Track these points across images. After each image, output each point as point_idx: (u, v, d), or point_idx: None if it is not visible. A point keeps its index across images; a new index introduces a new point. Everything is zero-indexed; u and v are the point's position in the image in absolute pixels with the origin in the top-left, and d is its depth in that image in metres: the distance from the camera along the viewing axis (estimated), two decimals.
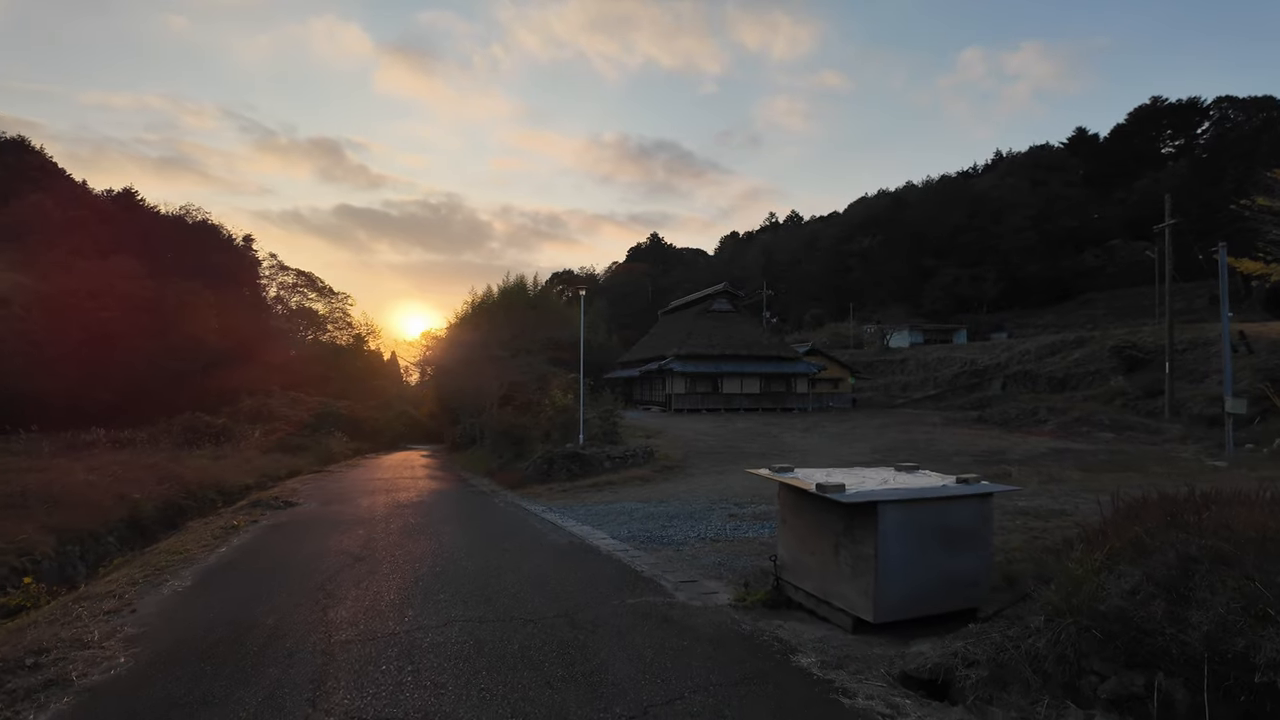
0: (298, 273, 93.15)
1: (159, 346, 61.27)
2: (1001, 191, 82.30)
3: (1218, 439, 23.15)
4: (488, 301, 62.32)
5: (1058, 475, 13.18)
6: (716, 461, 19.40)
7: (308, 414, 47.94)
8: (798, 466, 6.60)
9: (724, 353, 44.59)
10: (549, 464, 17.74)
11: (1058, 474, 13.37)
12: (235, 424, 39.69)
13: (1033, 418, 30.88)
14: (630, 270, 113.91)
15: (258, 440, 35.85)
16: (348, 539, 9.90)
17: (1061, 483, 12.26)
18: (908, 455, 19.93)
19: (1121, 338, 38.66)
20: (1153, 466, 14.83)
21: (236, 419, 41.82)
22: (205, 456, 29.43)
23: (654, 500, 12.84)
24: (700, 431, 28.34)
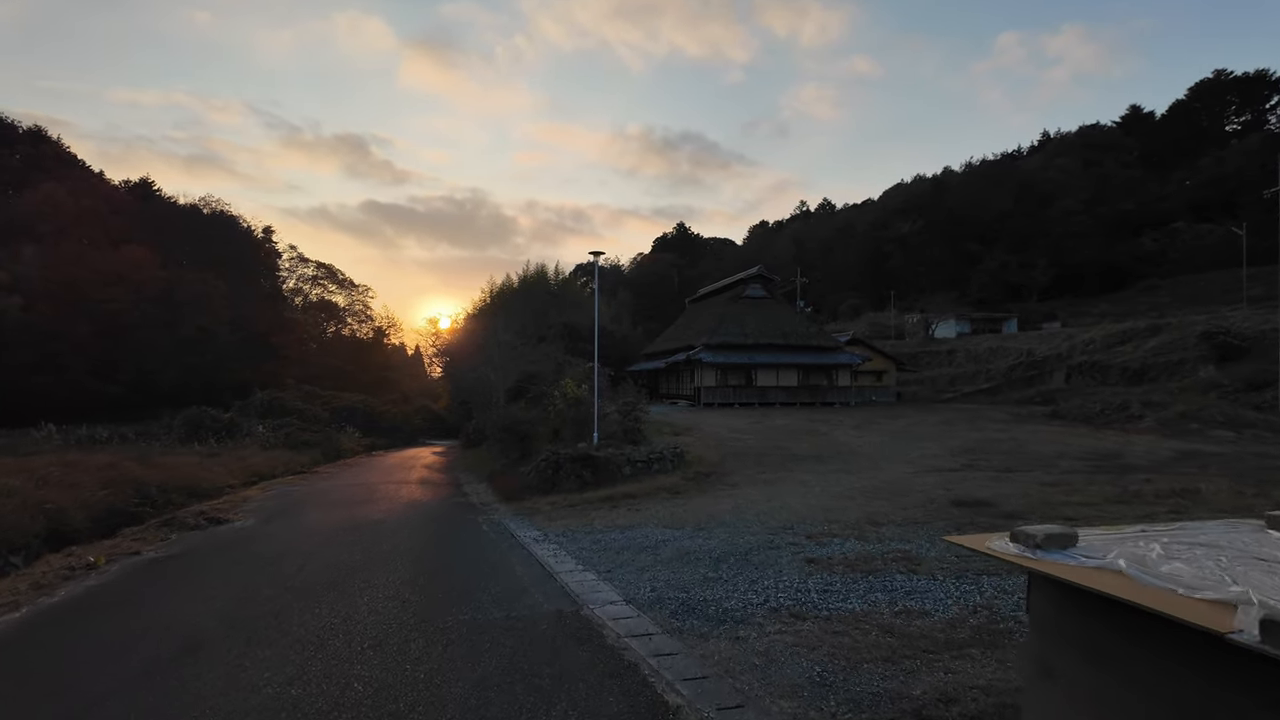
0: (318, 265, 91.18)
1: (170, 339, 59.32)
2: (1051, 173, 77.05)
3: None
4: (507, 290, 59.43)
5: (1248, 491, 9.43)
6: (761, 466, 15.81)
7: (322, 409, 46.03)
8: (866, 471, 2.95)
9: (758, 342, 40.78)
10: (554, 469, 14.29)
11: (1235, 491, 9.57)
12: (244, 419, 38.03)
13: (1123, 413, 26.71)
14: (655, 261, 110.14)
15: (263, 436, 33.98)
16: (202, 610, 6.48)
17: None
18: (999, 459, 16.16)
19: (1212, 323, 34.13)
20: None
21: (247, 413, 40.31)
22: (199, 453, 27.44)
23: (688, 526, 9.30)
24: (736, 429, 24.71)
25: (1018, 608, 4.99)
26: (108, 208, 65.77)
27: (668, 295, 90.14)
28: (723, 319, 42.58)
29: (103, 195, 69.38)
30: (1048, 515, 8.34)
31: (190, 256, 71.01)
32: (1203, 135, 74.79)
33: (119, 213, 66.87)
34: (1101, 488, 10.51)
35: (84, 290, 55.08)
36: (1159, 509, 8.40)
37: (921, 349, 57.33)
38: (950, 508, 9.42)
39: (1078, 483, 11.55)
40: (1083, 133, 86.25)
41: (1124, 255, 68.38)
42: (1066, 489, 10.58)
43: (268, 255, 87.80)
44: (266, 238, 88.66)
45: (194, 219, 77.96)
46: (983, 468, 14.72)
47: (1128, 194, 70.61)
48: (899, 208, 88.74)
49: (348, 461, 32.40)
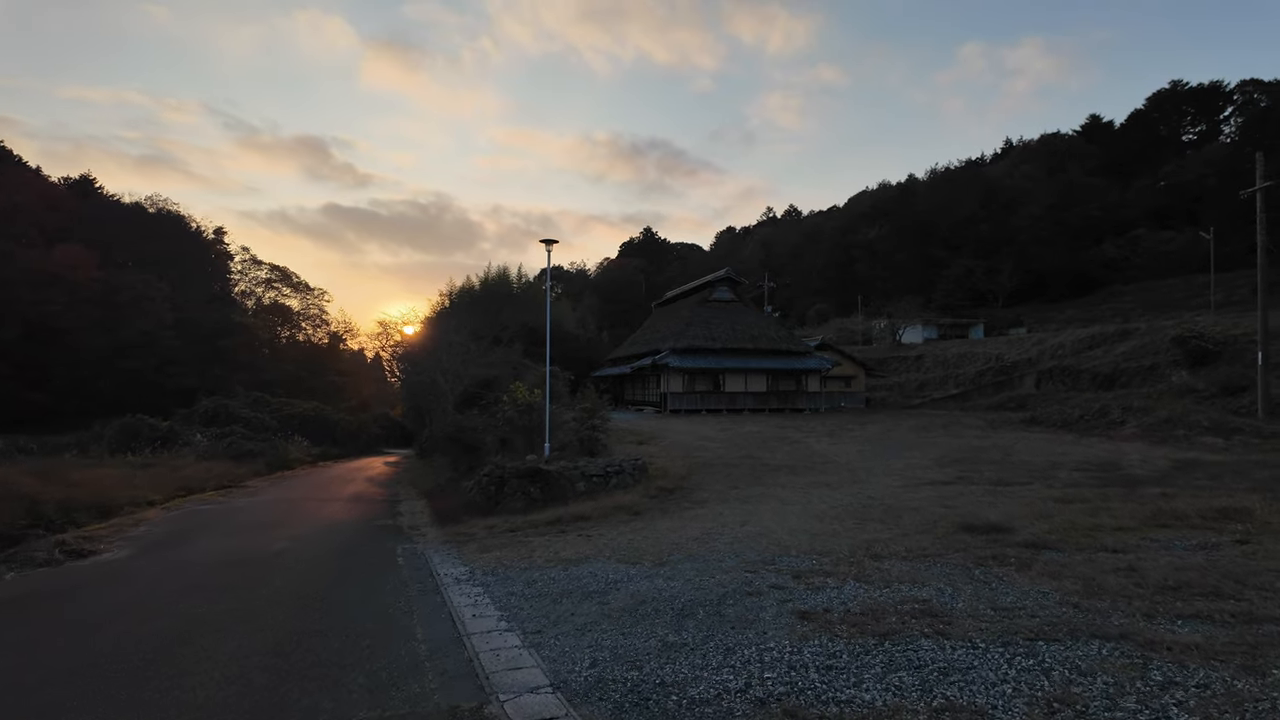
0: (272, 267, 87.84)
1: (109, 343, 55.94)
2: (1015, 180, 77.50)
3: None
4: (467, 292, 57.20)
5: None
6: (732, 480, 14.20)
7: (271, 417, 43.67)
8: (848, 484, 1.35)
9: (726, 346, 39.35)
10: (498, 485, 12.49)
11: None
12: (186, 428, 35.82)
13: (1103, 418, 25.76)
14: (622, 265, 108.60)
15: (204, 445, 31.88)
16: None
17: None
18: (990, 470, 14.80)
19: (1183, 327, 33.62)
20: None
21: (190, 422, 38.12)
22: (130, 465, 25.44)
23: (647, 559, 7.59)
24: (703, 436, 23.13)
25: (1112, 701, 3.41)
26: (43, 204, 61.97)
27: (635, 300, 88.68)
28: (690, 322, 41.11)
29: (38, 191, 65.38)
30: (1084, 545, 6.84)
31: (133, 257, 67.47)
32: (1162, 144, 75.83)
33: (56, 210, 63.09)
34: (1123, 505, 9.10)
35: (14, 290, 51.60)
36: (1216, 536, 6.95)
37: (890, 354, 56.63)
38: (960, 534, 7.89)
39: (1090, 497, 10.16)
40: (1045, 140, 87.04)
41: (1088, 261, 68.75)
42: (1084, 507, 9.14)
43: (219, 257, 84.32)
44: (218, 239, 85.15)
45: (139, 218, 74.31)
46: (976, 480, 13.31)
47: (1091, 201, 71.09)
48: (865, 213, 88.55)
49: (290, 473, 30.43)
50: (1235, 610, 4.59)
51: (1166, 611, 4.69)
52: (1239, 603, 4.75)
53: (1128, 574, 5.63)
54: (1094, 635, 4.40)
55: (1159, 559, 6.06)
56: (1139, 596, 5.04)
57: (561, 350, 46.52)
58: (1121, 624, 4.56)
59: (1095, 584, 5.41)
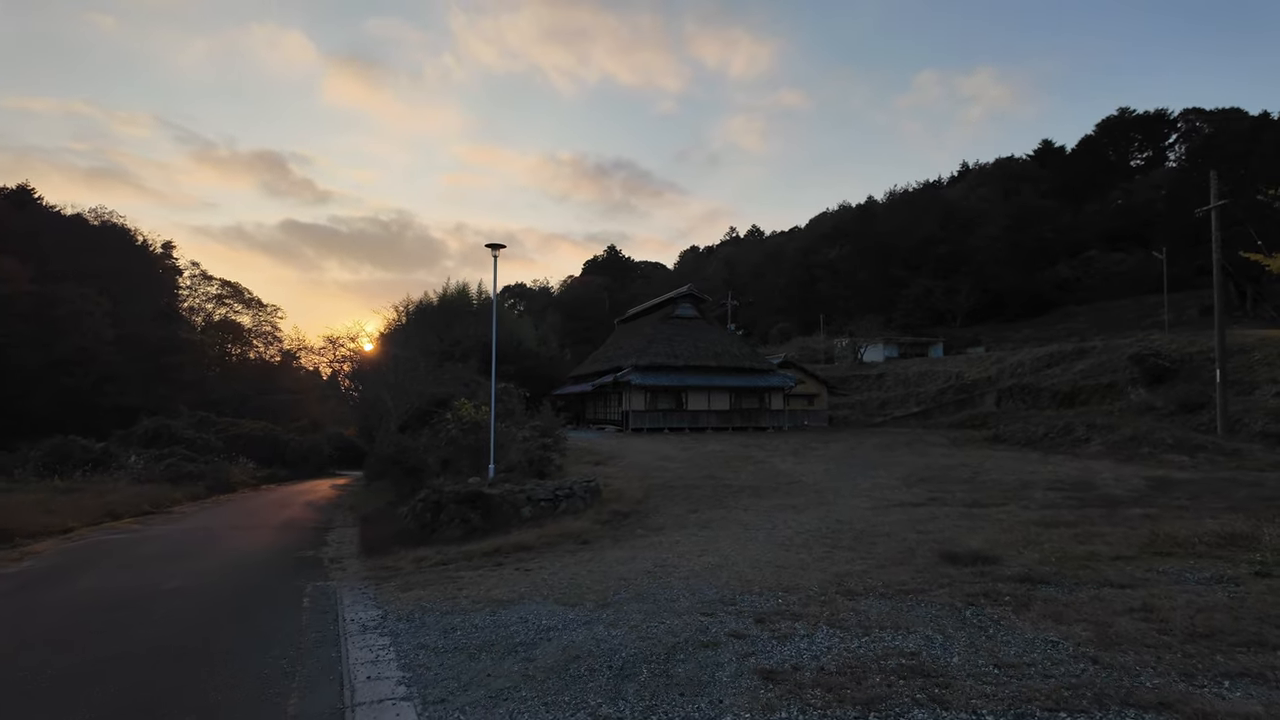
0: (223, 283, 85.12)
1: (42, 359, 53.06)
2: (972, 202, 78.88)
3: None
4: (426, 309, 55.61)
5: None
6: (693, 502, 13.25)
7: (216, 437, 41.70)
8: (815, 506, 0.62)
9: (689, 363, 38.54)
10: (433, 511, 11.33)
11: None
12: (123, 449, 34.02)
13: (1067, 436, 25.50)
14: (586, 283, 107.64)
15: (140, 468, 30.17)
16: None
17: None
18: (961, 490, 14.10)
19: (1142, 345, 33.86)
20: None
21: (128, 443, 36.27)
22: (54, 489, 23.32)
23: (589, 600, 6.57)
24: (664, 456, 22.17)
25: None
26: None
27: (598, 318, 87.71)
28: (652, 339, 40.25)
29: None
30: (1084, 579, 6.03)
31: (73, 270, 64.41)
32: (1111, 169, 77.97)
33: None
34: (1112, 529, 8.38)
35: None
36: (1229, 567, 6.20)
37: (851, 372, 56.54)
38: (942, 565, 7.03)
39: (1073, 520, 9.45)
40: (1000, 164, 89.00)
41: (1043, 282, 69.98)
42: (1072, 531, 8.40)
43: (166, 272, 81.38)
44: (166, 253, 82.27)
45: (80, 230, 71.28)
46: (948, 501, 12.58)
47: (1044, 223, 72.56)
48: (827, 234, 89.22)
49: (229, 497, 28.90)
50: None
51: (1207, 669, 3.86)
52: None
53: (1145, 616, 4.81)
54: (1126, 703, 3.53)
55: (1176, 597, 5.26)
56: (1167, 647, 4.20)
57: (522, 368, 45.20)
58: (1157, 686, 3.70)
59: (1111, 630, 4.57)
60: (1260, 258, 32.84)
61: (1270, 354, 26.77)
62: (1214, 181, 25.35)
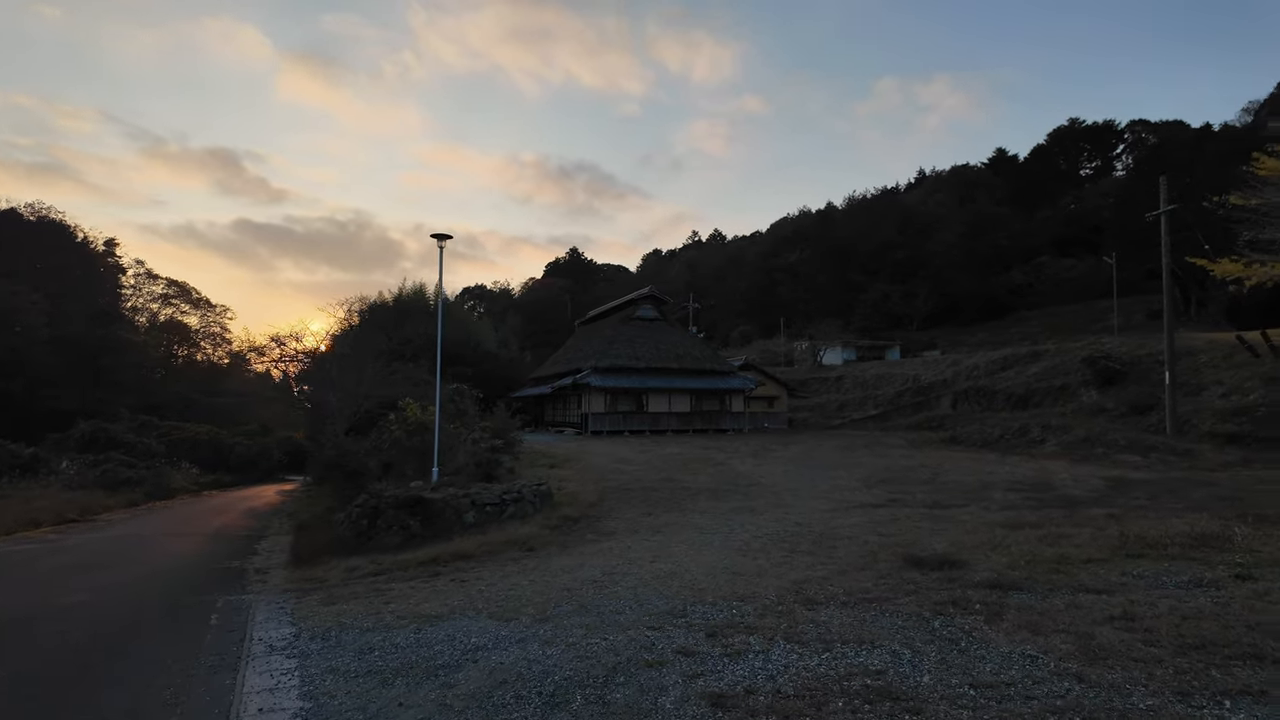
0: (169, 282, 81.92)
1: None
2: (929, 208, 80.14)
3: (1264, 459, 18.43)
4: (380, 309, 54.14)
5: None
6: (649, 505, 12.72)
7: (158, 442, 39.87)
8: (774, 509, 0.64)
9: (650, 365, 38.08)
10: (371, 518, 10.59)
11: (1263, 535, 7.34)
12: (56, 454, 32.34)
13: (1023, 437, 25.71)
14: (548, 285, 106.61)
15: (72, 474, 28.79)
16: None
17: None
18: (921, 491, 13.84)
19: (1093, 348, 34.45)
20: None
21: (63, 448, 34.50)
22: None
23: (526, 613, 5.97)
24: (622, 459, 21.62)
25: None
26: None
27: (560, 320, 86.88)
28: (613, 341, 39.71)
29: None
30: (1058, 584, 5.66)
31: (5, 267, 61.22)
32: (1062, 177, 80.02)
33: None
34: (1078, 530, 8.09)
35: None
36: (1207, 569, 5.88)
37: (811, 375, 56.77)
38: (906, 569, 6.61)
39: (1036, 521, 9.17)
40: (956, 171, 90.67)
41: (997, 287, 71.35)
42: (1038, 533, 8.08)
43: (109, 270, 78.00)
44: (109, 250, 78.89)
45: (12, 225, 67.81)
46: (909, 502, 12.29)
47: (998, 229, 74.04)
48: (788, 238, 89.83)
49: (166, 503, 27.73)
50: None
51: (1204, 686, 3.45)
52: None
53: (1128, 626, 4.42)
54: None
55: (1158, 603, 4.89)
56: (1157, 661, 3.79)
57: (480, 370, 44.20)
58: (1152, 708, 3.28)
59: (1094, 642, 4.15)
60: (1205, 263, 33.81)
61: (1216, 357, 27.36)
62: (1164, 187, 25.80)
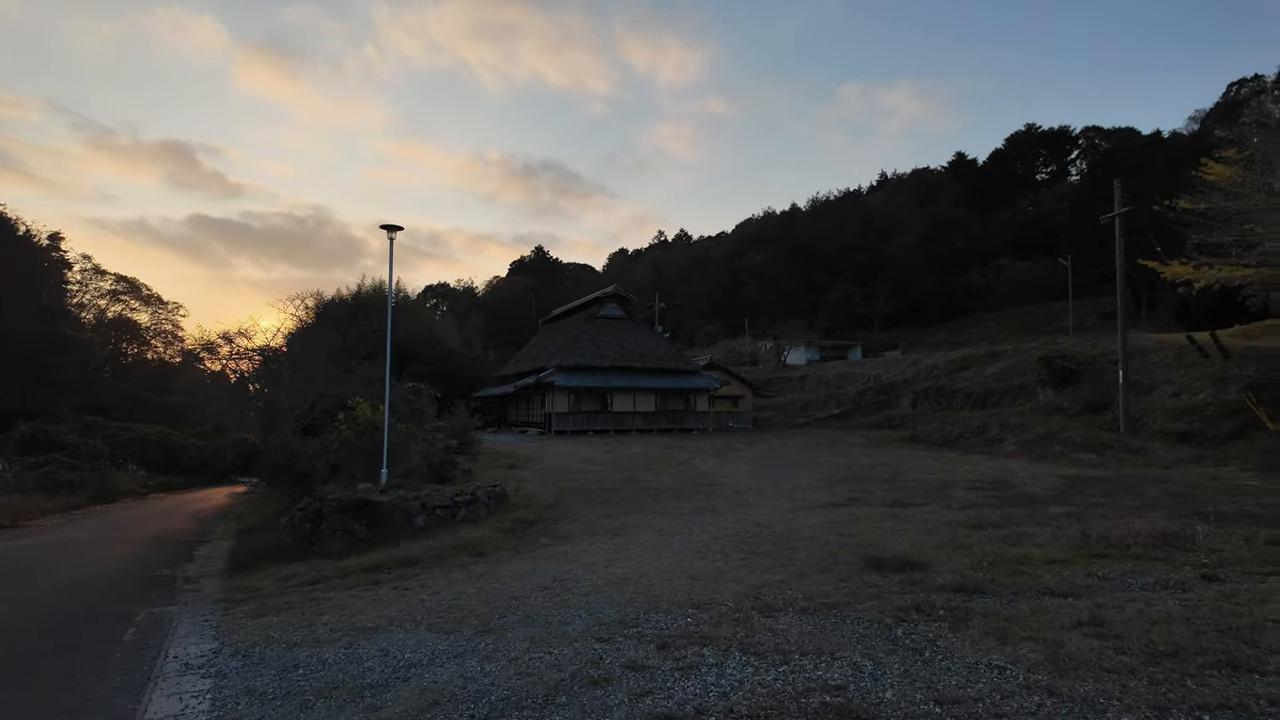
0: (118, 278, 78.87)
1: None
2: (890, 210, 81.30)
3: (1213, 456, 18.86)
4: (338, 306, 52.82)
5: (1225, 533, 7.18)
6: (609, 506, 12.39)
7: (104, 443, 38.29)
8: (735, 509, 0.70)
9: (614, 364, 37.74)
10: (314, 522, 10.07)
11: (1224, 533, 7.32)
12: None
13: (982, 436, 25.99)
14: (512, 284, 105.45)
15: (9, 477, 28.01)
16: None
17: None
18: (883, 490, 13.75)
19: (1049, 348, 35.08)
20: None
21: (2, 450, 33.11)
22: None
23: (469, 625, 5.60)
24: (584, 459, 21.25)
25: None
26: None
27: (524, 319, 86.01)
28: (577, 340, 39.30)
29: None
30: (1022, 586, 5.47)
31: None
32: (1019, 181, 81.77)
33: None
34: (1040, 529, 7.98)
35: None
36: (1172, 570, 5.76)
37: (775, 375, 57.06)
38: (868, 571, 6.39)
39: (997, 520, 9.06)
40: (916, 174, 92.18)
41: (956, 288, 72.63)
42: (999, 533, 7.95)
43: (53, 265, 74.88)
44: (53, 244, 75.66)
45: None
46: (870, 501, 12.16)
47: (957, 232, 75.37)
48: (753, 239, 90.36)
49: (111, 507, 26.89)
50: (1275, 693, 3.20)
51: (1181, 699, 3.24)
52: (1269, 679, 3.39)
53: (1097, 632, 4.22)
54: None
55: (1125, 607, 4.72)
56: (1129, 672, 3.59)
57: (442, 369, 43.41)
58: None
59: (1063, 651, 3.94)
60: (1156, 265, 34.70)
61: (1166, 357, 27.99)
62: (1118, 189, 26.30)
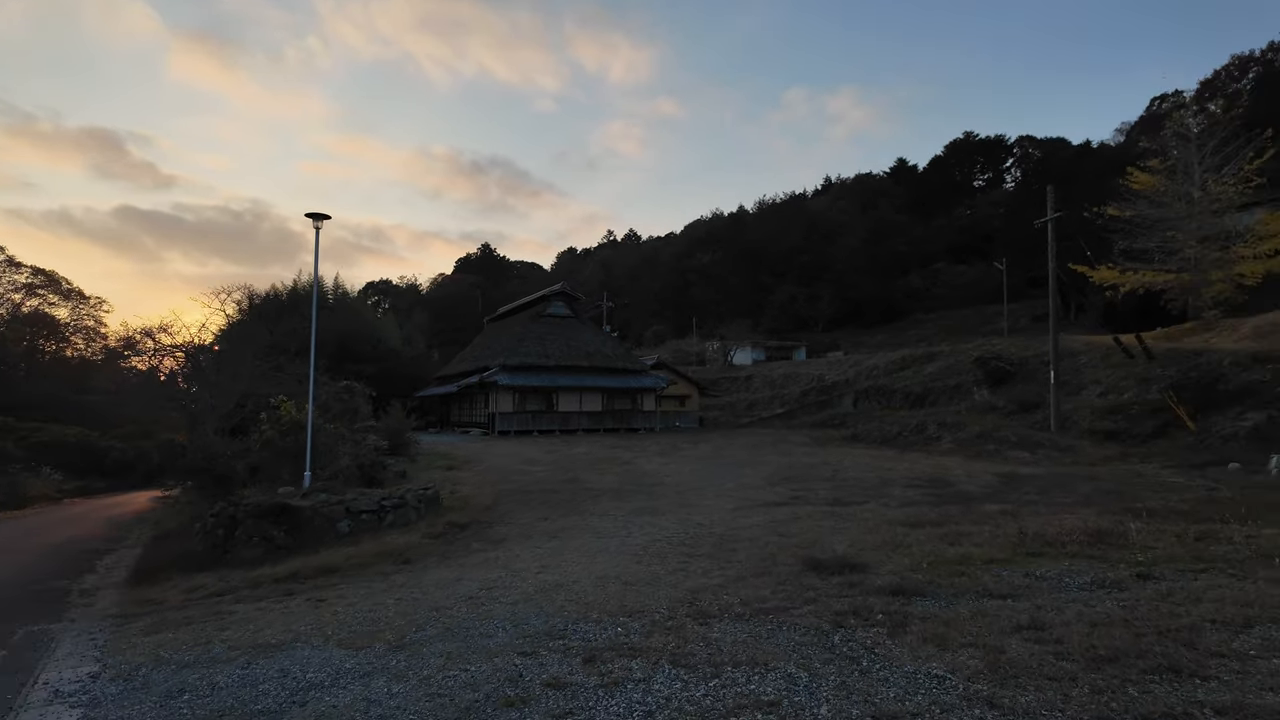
0: (34, 270, 74.35)
1: None
2: (834, 214, 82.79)
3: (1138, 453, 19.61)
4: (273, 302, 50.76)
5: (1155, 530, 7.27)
6: (548, 508, 12.00)
7: (15, 445, 35.90)
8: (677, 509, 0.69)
9: (561, 363, 37.27)
10: (228, 528, 9.42)
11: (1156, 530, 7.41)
12: None
13: (920, 434, 26.50)
14: (457, 281, 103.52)
15: None
16: None
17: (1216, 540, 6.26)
18: (824, 489, 13.73)
19: (984, 349, 36.09)
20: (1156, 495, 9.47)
21: None
22: None
23: (384, 637, 5.17)
24: (527, 459, 20.76)
25: None
26: None
27: (470, 318, 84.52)
28: (522, 338, 38.66)
29: None
30: (962, 588, 5.35)
31: None
32: (957, 187, 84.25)
33: None
34: (978, 528, 7.96)
35: None
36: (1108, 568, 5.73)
37: (721, 375, 57.45)
38: (806, 574, 6.21)
39: (935, 518, 9.06)
40: (860, 179, 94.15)
41: (896, 291, 74.42)
42: (938, 531, 7.90)
43: None
44: None
45: None
46: (811, 500, 12.10)
47: (898, 236, 77.23)
48: (701, 239, 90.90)
49: (16, 514, 25.36)
50: (1219, 701, 3.08)
51: (1124, 708, 3.08)
52: (1211, 684, 3.27)
53: (1037, 636, 4.08)
54: None
55: (1064, 608, 4.61)
56: (1071, 679, 3.43)
57: (383, 368, 42.12)
58: None
59: (1004, 657, 3.78)
60: (1086, 270, 36.10)
61: (1094, 358, 28.99)
62: (1050, 195, 27.12)
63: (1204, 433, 18.99)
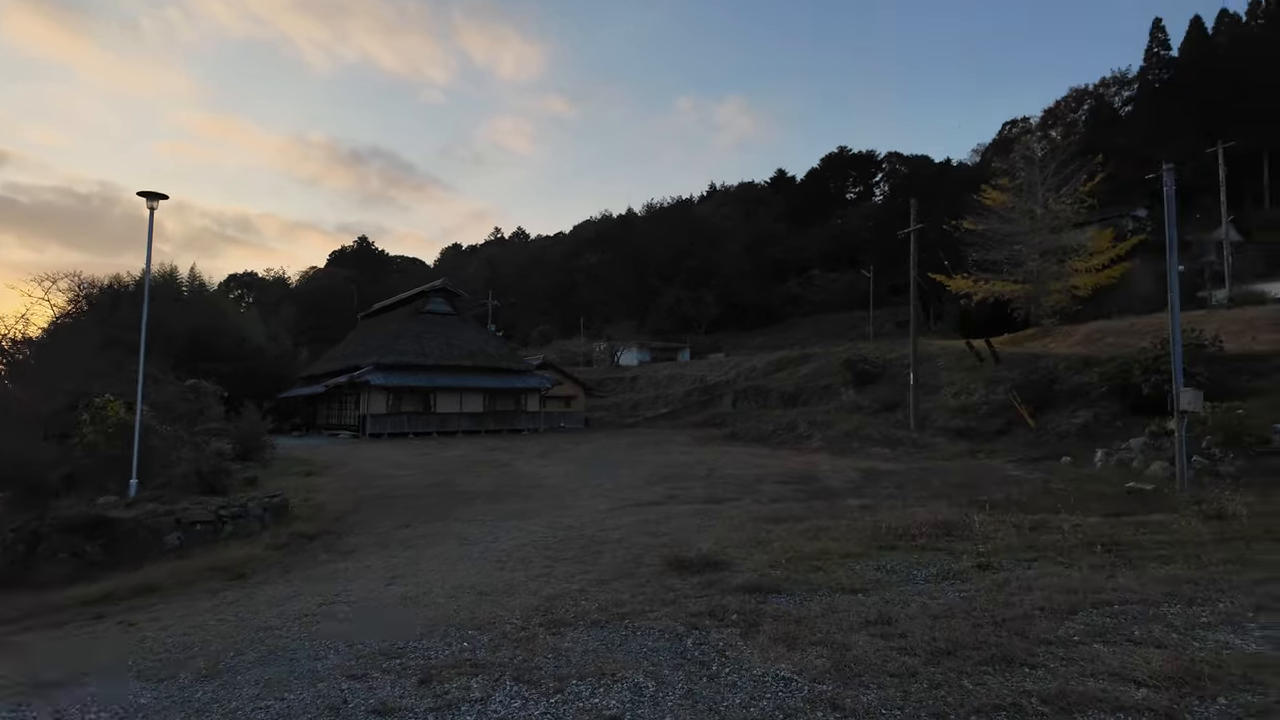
0: None
1: None
2: (718, 220, 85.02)
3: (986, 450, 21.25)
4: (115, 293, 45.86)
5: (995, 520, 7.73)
6: (412, 514, 11.35)
7: None
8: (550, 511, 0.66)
9: (440, 363, 35.94)
10: (30, 543, 8.22)
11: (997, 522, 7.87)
12: None
13: (792, 433, 27.55)
14: (331, 275, 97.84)
15: None
16: None
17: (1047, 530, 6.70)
18: (699, 487, 13.85)
19: (852, 352, 38.05)
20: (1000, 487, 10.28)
21: None
22: None
23: (193, 665, 4.56)
24: (396, 463, 19.75)
25: None
26: None
27: (343, 314, 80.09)
28: (399, 336, 36.97)
29: None
30: (816, 583, 5.40)
31: None
32: (831, 198, 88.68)
33: None
34: (836, 522, 8.19)
35: None
36: (952, 559, 5.97)
37: (608, 375, 57.57)
38: (669, 575, 6.10)
39: (800, 514, 9.28)
40: (743, 187, 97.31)
41: (775, 296, 77.41)
42: (800, 527, 8.05)
43: None
44: None
45: None
46: (685, 498, 12.14)
47: (777, 243, 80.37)
48: (590, 240, 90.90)
49: None
50: (1045, 690, 3.16)
51: (958, 702, 3.11)
52: (1039, 673, 3.38)
53: (883, 631, 4.13)
54: None
55: (910, 602, 4.72)
56: (911, 675, 3.45)
57: (244, 366, 38.99)
58: None
59: (850, 655, 3.77)
60: (943, 278, 38.86)
61: (950, 361, 31.11)
62: (914, 207, 28.87)
63: (1042, 430, 20.76)
